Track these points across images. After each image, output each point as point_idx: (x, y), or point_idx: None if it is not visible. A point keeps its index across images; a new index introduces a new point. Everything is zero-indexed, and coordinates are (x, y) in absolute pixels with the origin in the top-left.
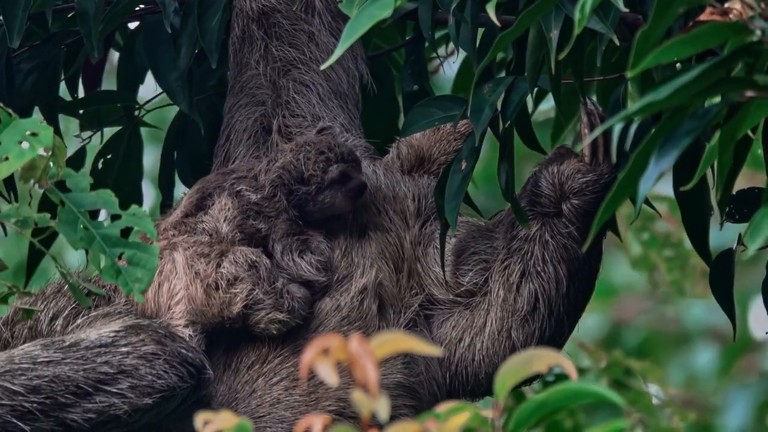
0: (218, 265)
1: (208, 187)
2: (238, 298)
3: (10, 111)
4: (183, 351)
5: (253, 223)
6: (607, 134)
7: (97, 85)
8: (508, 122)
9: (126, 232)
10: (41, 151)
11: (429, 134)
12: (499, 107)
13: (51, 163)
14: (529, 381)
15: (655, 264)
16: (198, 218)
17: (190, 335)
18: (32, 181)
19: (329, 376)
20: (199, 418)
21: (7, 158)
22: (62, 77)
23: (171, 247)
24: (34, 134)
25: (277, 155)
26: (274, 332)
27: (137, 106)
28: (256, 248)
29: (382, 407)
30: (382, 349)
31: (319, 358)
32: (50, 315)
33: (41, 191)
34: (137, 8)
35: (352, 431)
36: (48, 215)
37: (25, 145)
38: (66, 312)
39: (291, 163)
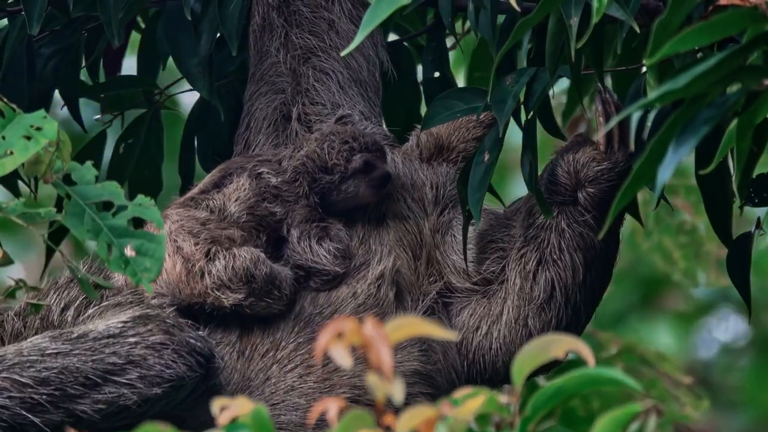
0: (208, 255)
1: (231, 167)
2: (227, 301)
3: (14, 106)
4: (191, 340)
5: (268, 206)
6: (622, 123)
7: (118, 69)
8: (531, 113)
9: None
10: (46, 145)
11: (448, 123)
12: (521, 98)
13: (56, 157)
14: (545, 369)
15: (669, 251)
16: (210, 195)
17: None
18: (38, 176)
19: (343, 359)
20: (216, 404)
21: (11, 153)
22: (83, 62)
23: (164, 217)
24: (38, 128)
25: (302, 143)
26: (261, 313)
27: (158, 91)
28: (257, 235)
29: (396, 391)
30: (396, 333)
31: (334, 342)
32: (62, 305)
33: (52, 186)
34: None
35: (366, 415)
36: (54, 209)
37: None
38: (77, 302)
39: (315, 151)
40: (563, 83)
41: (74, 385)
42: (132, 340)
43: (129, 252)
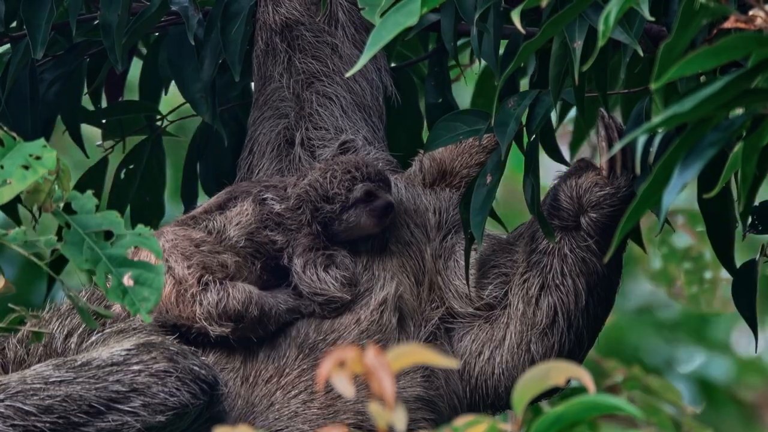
0: (200, 283)
1: (237, 190)
2: (214, 332)
3: (14, 135)
4: (195, 368)
5: (269, 233)
6: (625, 148)
7: (120, 95)
8: (533, 136)
9: None
10: (45, 175)
11: (451, 147)
12: (523, 121)
13: (56, 186)
14: (547, 395)
15: (674, 277)
16: (211, 216)
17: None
18: (36, 205)
19: (345, 388)
20: None
21: (10, 182)
22: (85, 88)
23: (157, 234)
24: (38, 158)
25: (307, 171)
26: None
27: (160, 117)
28: (253, 262)
29: (398, 419)
30: (398, 361)
31: (336, 370)
32: (65, 332)
33: (51, 215)
34: (161, 20)
35: None
36: (54, 237)
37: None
38: (80, 329)
39: (317, 180)
40: (571, 112)
41: (78, 413)
42: (136, 367)
43: (127, 281)
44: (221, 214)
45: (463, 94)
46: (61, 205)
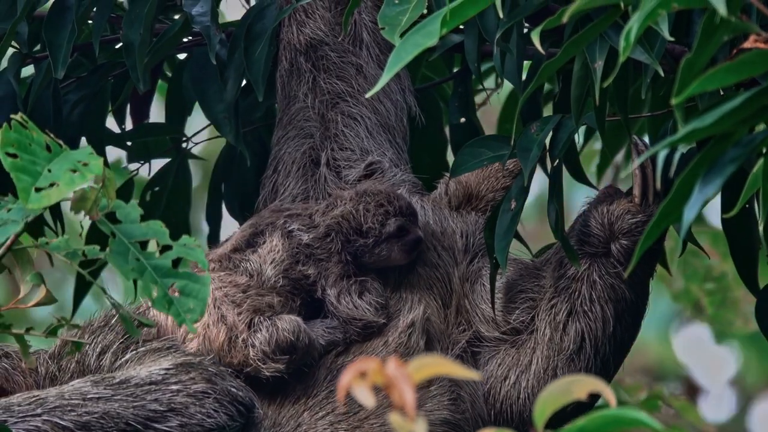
0: (251, 326)
1: (261, 223)
2: (267, 371)
3: (61, 142)
4: (233, 390)
5: (302, 268)
6: (654, 172)
7: (145, 116)
8: (557, 161)
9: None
10: (91, 182)
11: (477, 171)
12: (547, 145)
13: (101, 195)
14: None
15: (697, 297)
16: (245, 255)
17: None
18: (83, 213)
19: (366, 398)
20: None
21: (57, 184)
22: (109, 108)
23: None
24: (85, 164)
25: (336, 201)
26: None
27: (185, 138)
28: (293, 299)
29: (419, 430)
30: (419, 372)
31: (357, 381)
32: (98, 349)
33: (89, 223)
34: (184, 40)
35: None
36: (98, 247)
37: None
38: (114, 347)
39: (350, 213)
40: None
41: (115, 431)
42: (174, 387)
43: (173, 292)
44: (254, 252)
45: (489, 115)
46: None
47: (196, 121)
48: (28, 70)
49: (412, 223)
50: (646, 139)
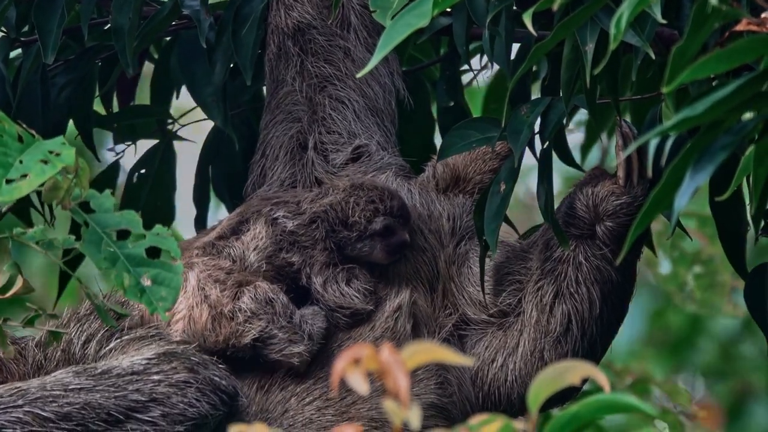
0: (235, 297)
1: (248, 211)
2: (251, 333)
3: (33, 132)
4: (216, 378)
5: (285, 256)
6: (641, 156)
7: (132, 99)
8: (547, 143)
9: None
10: (63, 172)
11: (465, 154)
12: (536, 128)
13: (74, 184)
14: (560, 401)
15: (684, 281)
16: (229, 242)
17: None
18: (55, 202)
19: (360, 385)
20: (233, 430)
21: (27, 176)
22: (97, 91)
23: (188, 266)
24: (57, 154)
25: (328, 190)
26: (297, 364)
27: (171, 121)
28: (277, 284)
29: (413, 416)
30: (413, 358)
31: (350, 368)
32: (83, 338)
33: (68, 213)
34: (172, 23)
35: None
36: (72, 237)
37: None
38: (99, 335)
39: (339, 203)
40: (582, 117)
41: (96, 421)
42: (156, 377)
43: (145, 281)
44: (237, 239)
45: (476, 97)
46: (78, 203)
47: (184, 104)
48: (14, 52)
49: (401, 226)
50: (628, 118)
